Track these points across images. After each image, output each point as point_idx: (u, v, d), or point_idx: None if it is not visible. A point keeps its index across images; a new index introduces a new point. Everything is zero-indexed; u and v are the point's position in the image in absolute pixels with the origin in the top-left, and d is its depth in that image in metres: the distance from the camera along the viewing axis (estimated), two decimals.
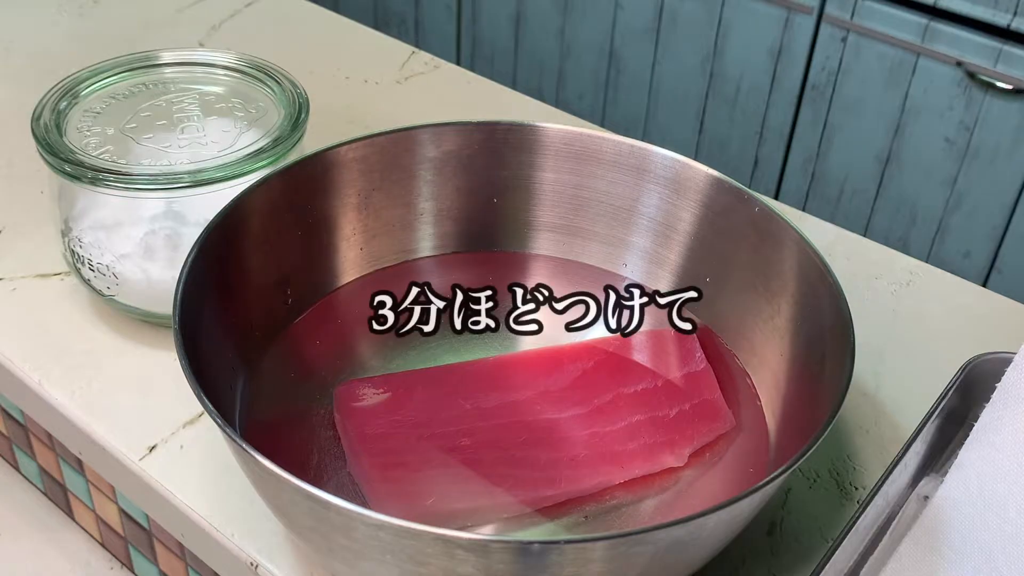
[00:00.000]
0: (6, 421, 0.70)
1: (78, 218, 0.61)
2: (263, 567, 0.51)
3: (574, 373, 0.57)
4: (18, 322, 0.63)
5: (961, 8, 1.29)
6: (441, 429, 0.53)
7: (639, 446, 0.53)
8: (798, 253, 0.54)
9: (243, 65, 0.67)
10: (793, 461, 0.42)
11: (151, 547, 0.63)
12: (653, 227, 0.61)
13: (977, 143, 1.32)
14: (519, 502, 0.50)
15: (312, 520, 0.43)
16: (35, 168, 0.72)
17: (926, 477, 0.54)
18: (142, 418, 0.57)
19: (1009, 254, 1.36)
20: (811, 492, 0.54)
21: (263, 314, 0.57)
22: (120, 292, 0.60)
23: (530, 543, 0.40)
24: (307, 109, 0.63)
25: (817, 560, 0.47)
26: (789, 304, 0.55)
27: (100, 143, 0.61)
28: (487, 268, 0.63)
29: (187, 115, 0.64)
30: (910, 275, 0.69)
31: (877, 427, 0.58)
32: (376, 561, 0.42)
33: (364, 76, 0.87)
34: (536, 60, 1.72)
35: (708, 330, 0.59)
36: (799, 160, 1.50)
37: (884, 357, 0.62)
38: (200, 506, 0.53)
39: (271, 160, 0.60)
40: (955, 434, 0.56)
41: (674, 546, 0.42)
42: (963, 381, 0.55)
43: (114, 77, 0.66)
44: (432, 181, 0.62)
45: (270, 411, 0.54)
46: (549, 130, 0.61)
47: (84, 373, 0.60)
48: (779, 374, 0.55)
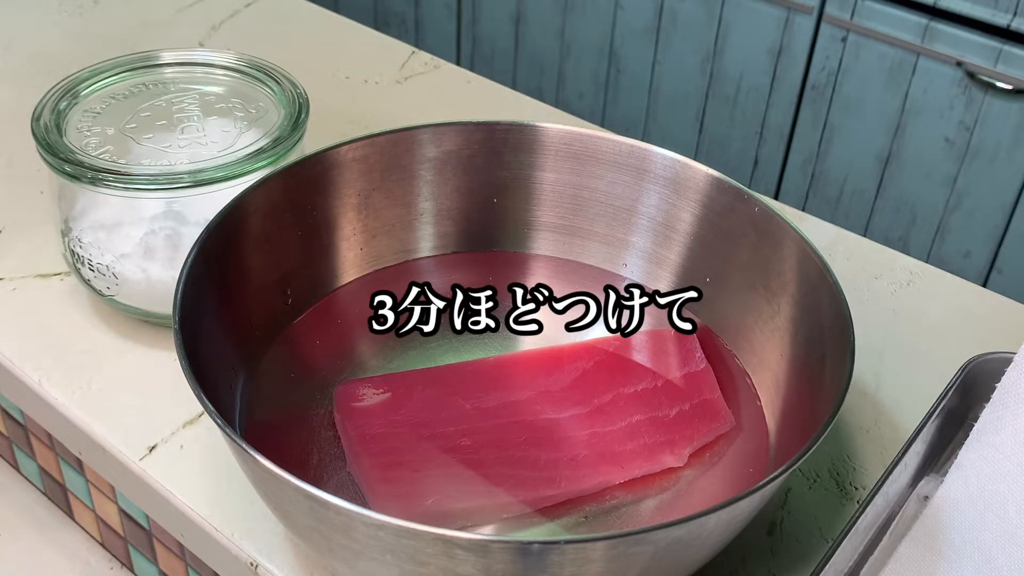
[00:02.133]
0: (6, 421, 0.70)
1: (78, 218, 0.61)
2: (263, 567, 0.51)
3: (574, 373, 0.57)
4: (18, 322, 0.63)
5: (961, 8, 1.29)
6: (441, 429, 0.53)
7: (639, 446, 0.53)
8: (798, 253, 0.54)
9: (243, 65, 0.67)
10: (793, 461, 0.42)
11: (151, 547, 0.63)
12: (653, 227, 0.61)
13: (977, 143, 1.32)
14: (519, 502, 0.50)
15: (312, 520, 0.43)
16: (35, 168, 0.72)
17: (926, 477, 0.54)
18: (142, 418, 0.57)
19: (1009, 254, 1.36)
20: (811, 492, 0.54)
21: (263, 314, 0.57)
22: (120, 292, 0.60)
23: (530, 543, 0.40)
24: (307, 109, 0.63)
25: (817, 560, 0.47)
26: (789, 304, 0.55)
27: (100, 143, 0.61)
28: (487, 268, 0.63)
29: (187, 115, 0.64)
30: (910, 275, 0.69)
31: (877, 427, 0.58)
32: (376, 561, 0.42)
33: (364, 76, 0.87)
34: (536, 60, 1.72)
35: (708, 330, 0.59)
36: (799, 160, 1.50)
37: (884, 357, 0.62)
38: (200, 506, 0.53)
39: (271, 160, 0.60)
40: (955, 434, 0.56)
41: (674, 546, 0.42)
42: (963, 381, 0.55)
43: (114, 77, 0.66)
44: (432, 181, 0.62)
45: (270, 411, 0.54)
46: (549, 130, 0.61)
47: (84, 373, 0.60)
48: (779, 374, 0.55)
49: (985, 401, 0.53)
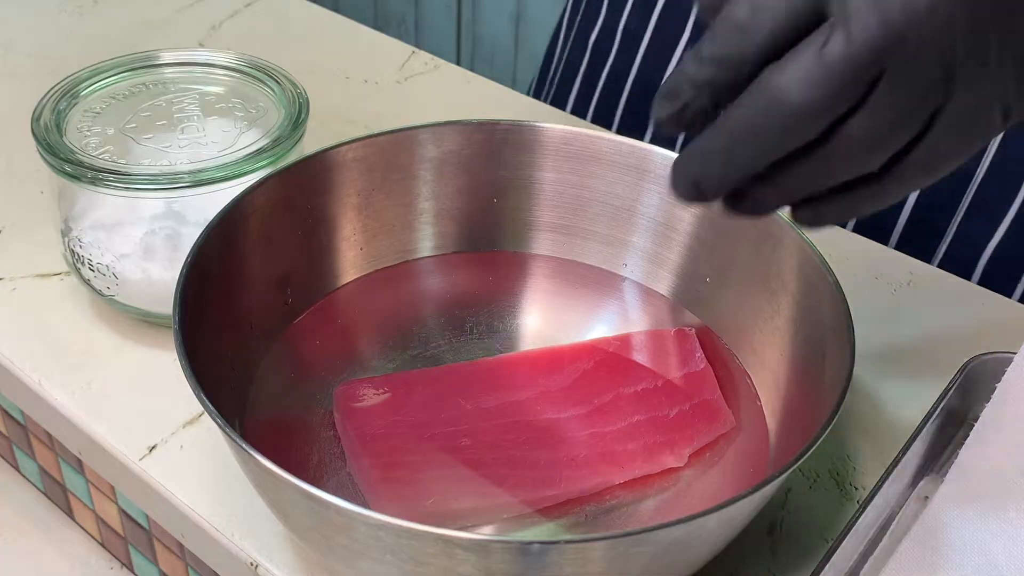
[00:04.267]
0: (6, 421, 0.70)
1: (78, 218, 0.61)
2: (263, 567, 0.51)
3: (574, 373, 0.57)
4: (18, 322, 0.63)
5: None
6: (441, 429, 0.53)
7: (639, 446, 0.53)
8: (798, 253, 0.54)
9: (243, 65, 0.67)
10: (793, 461, 0.42)
11: (151, 547, 0.63)
12: (653, 227, 0.61)
13: None
14: (519, 502, 0.50)
15: (312, 520, 0.43)
16: (35, 168, 0.72)
17: (926, 477, 0.54)
18: (142, 418, 0.57)
19: None
20: (811, 492, 0.54)
21: (263, 314, 0.57)
22: (120, 292, 0.60)
23: (530, 543, 0.40)
24: (307, 109, 0.63)
25: (817, 560, 0.48)
26: (789, 304, 0.55)
27: (100, 143, 0.61)
28: (487, 268, 0.63)
29: (187, 115, 0.64)
30: (910, 275, 0.69)
31: (877, 427, 0.58)
32: (376, 561, 0.42)
33: (364, 76, 0.87)
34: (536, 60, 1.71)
35: (708, 330, 0.59)
36: None
37: (884, 357, 0.62)
38: (200, 506, 0.53)
39: (271, 160, 0.60)
40: (955, 434, 0.56)
41: (674, 546, 0.42)
42: (963, 381, 0.55)
43: (114, 77, 0.66)
44: (432, 181, 0.62)
45: (270, 411, 0.54)
46: (549, 130, 0.61)
47: (84, 373, 0.60)
48: (779, 374, 0.55)
49: (985, 401, 0.53)
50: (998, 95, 0.40)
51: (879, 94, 0.38)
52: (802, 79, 0.37)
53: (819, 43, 0.37)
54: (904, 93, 0.38)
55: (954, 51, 0.38)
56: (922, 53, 0.37)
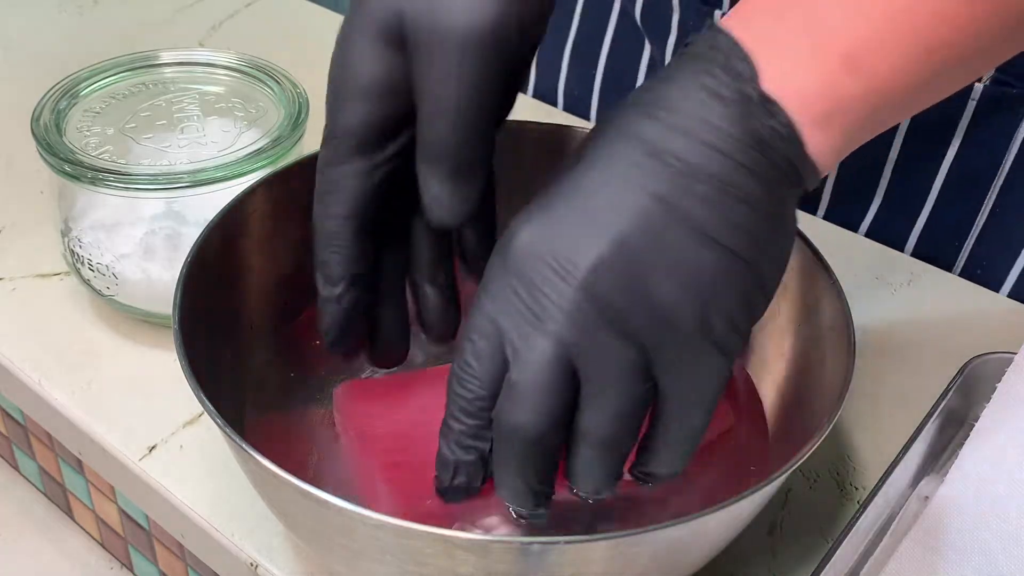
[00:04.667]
0: (6, 421, 0.70)
1: (78, 218, 0.61)
2: (263, 567, 0.51)
3: None
4: (18, 322, 0.63)
5: None
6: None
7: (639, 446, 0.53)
8: (798, 253, 0.54)
9: (243, 65, 0.67)
10: (793, 461, 0.42)
11: (151, 547, 0.63)
12: None
13: None
14: None
15: (312, 520, 0.43)
16: (35, 168, 0.72)
17: (926, 477, 0.54)
18: (142, 418, 0.57)
19: None
20: (811, 492, 0.54)
21: (263, 314, 0.57)
22: (120, 292, 0.60)
23: (530, 543, 0.40)
24: (307, 109, 0.63)
25: (817, 560, 0.47)
26: (789, 304, 0.55)
27: (100, 143, 0.61)
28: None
29: (187, 115, 0.64)
30: (910, 275, 0.69)
31: (877, 427, 0.58)
32: (376, 561, 0.42)
33: None
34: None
35: None
36: None
37: (884, 357, 0.62)
38: (200, 506, 0.53)
39: (271, 160, 0.60)
40: (955, 434, 0.56)
41: (674, 546, 0.42)
42: (963, 381, 0.55)
43: (114, 77, 0.66)
44: None
45: (270, 411, 0.54)
46: (549, 130, 0.61)
47: (84, 373, 0.60)
48: (779, 374, 0.55)
49: (985, 401, 0.53)
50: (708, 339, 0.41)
51: (586, 388, 0.40)
52: (518, 408, 0.40)
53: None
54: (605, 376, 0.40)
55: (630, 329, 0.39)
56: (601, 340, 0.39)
